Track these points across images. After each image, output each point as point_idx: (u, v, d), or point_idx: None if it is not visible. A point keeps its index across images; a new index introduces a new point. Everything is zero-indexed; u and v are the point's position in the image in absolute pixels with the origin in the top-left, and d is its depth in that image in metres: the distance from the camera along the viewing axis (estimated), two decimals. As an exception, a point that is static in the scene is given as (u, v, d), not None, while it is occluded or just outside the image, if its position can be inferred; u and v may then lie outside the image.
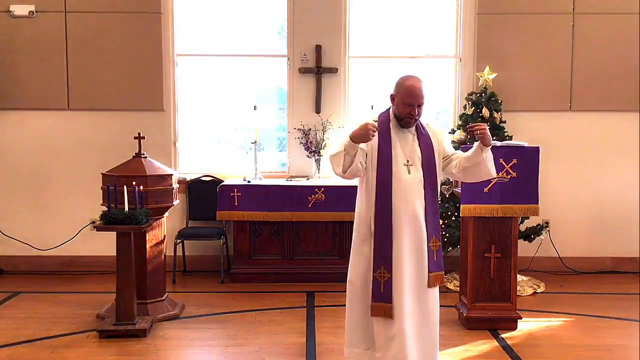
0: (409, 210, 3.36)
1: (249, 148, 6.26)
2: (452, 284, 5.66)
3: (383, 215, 3.36)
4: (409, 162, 3.38)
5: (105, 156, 5.70)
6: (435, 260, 3.43)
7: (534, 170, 4.44)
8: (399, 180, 3.35)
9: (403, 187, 3.35)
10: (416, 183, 3.38)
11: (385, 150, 3.36)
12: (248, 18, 6.40)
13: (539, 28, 6.15)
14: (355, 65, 6.40)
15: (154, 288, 4.81)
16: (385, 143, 3.37)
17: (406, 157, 3.38)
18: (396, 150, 3.38)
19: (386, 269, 3.37)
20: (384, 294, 3.38)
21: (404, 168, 3.37)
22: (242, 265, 5.87)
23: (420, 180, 3.38)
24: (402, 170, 3.36)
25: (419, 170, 3.38)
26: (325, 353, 4.08)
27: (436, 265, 3.44)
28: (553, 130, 6.19)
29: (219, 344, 4.28)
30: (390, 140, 3.38)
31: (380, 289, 3.38)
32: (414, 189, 3.37)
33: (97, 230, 4.39)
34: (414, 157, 3.39)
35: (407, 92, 3.33)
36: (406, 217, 3.35)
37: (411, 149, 3.41)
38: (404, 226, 3.36)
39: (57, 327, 4.54)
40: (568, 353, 4.12)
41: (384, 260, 3.37)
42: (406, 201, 3.35)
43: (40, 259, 6.20)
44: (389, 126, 3.42)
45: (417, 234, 3.38)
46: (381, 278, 3.39)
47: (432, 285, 3.43)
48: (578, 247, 6.27)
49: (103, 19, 6.09)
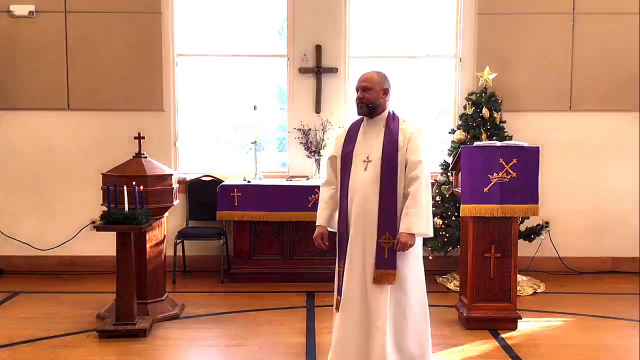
0: (361, 205, 3.40)
1: (249, 148, 6.26)
2: (452, 284, 5.67)
3: (341, 212, 3.49)
4: (368, 158, 3.42)
5: (105, 156, 5.69)
6: (385, 257, 3.36)
7: (534, 170, 4.44)
8: (355, 177, 3.43)
9: (358, 183, 3.41)
10: (372, 179, 3.38)
11: (347, 150, 3.50)
12: (248, 18, 6.40)
13: (539, 28, 6.15)
14: (355, 65, 6.39)
15: (154, 288, 4.81)
16: (349, 143, 3.51)
17: (367, 153, 3.43)
18: (358, 148, 3.47)
19: (342, 263, 3.48)
20: (339, 287, 3.49)
21: (361, 164, 3.43)
22: (242, 265, 5.87)
23: (376, 176, 3.38)
24: (359, 167, 3.43)
25: (376, 166, 3.38)
26: (325, 353, 4.06)
27: (385, 262, 3.36)
28: (553, 130, 6.19)
29: (219, 344, 4.28)
30: (355, 140, 3.50)
31: (340, 282, 3.49)
32: (368, 185, 3.39)
33: (97, 230, 4.38)
34: (373, 153, 3.41)
35: (358, 80, 3.51)
36: (358, 213, 3.41)
37: (373, 145, 3.44)
38: (357, 222, 3.42)
39: (57, 327, 4.54)
40: (568, 353, 4.12)
41: (341, 255, 3.50)
42: (360, 197, 3.41)
43: (40, 259, 6.20)
44: (359, 126, 3.55)
45: (369, 230, 3.39)
46: (341, 272, 3.49)
47: (377, 281, 3.36)
48: (578, 247, 6.27)
49: (103, 19, 6.09)
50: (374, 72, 3.50)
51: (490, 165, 4.41)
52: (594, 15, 6.14)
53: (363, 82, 3.46)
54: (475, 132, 5.79)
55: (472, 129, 5.83)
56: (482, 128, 5.79)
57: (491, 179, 4.41)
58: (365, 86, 3.44)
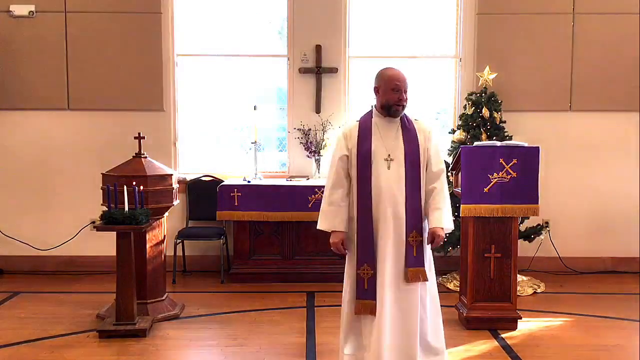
0: (389, 204, 3.38)
1: (249, 148, 6.26)
2: (452, 284, 5.67)
3: (364, 212, 3.40)
4: (390, 156, 3.41)
5: (105, 156, 5.69)
6: (414, 255, 3.40)
7: (534, 170, 4.44)
8: (378, 176, 3.39)
9: (383, 182, 3.38)
10: (396, 178, 3.39)
11: (364, 148, 3.42)
12: (248, 18, 6.40)
13: (539, 28, 6.15)
14: (355, 65, 6.40)
15: (154, 288, 4.81)
16: (365, 141, 3.43)
17: (387, 152, 3.41)
18: (377, 146, 3.42)
19: (369, 265, 3.40)
20: (367, 291, 3.40)
21: (384, 163, 3.40)
22: (242, 265, 5.87)
23: (401, 175, 3.39)
24: (382, 165, 3.40)
25: (401, 164, 3.40)
26: (325, 353, 4.08)
27: (415, 260, 3.41)
28: (553, 130, 6.19)
29: (219, 344, 4.28)
30: (370, 137, 3.43)
31: (364, 286, 3.41)
32: (394, 183, 3.39)
33: (97, 230, 4.38)
34: (396, 152, 3.41)
35: (392, 79, 3.43)
36: (386, 213, 3.38)
37: (394, 143, 3.44)
38: (384, 222, 3.38)
39: (57, 327, 4.54)
40: (568, 353, 4.12)
41: (366, 257, 3.40)
42: (386, 195, 3.38)
43: (40, 259, 6.20)
44: (371, 123, 3.48)
45: (397, 230, 3.39)
46: (364, 275, 3.42)
47: (410, 280, 3.40)
48: (578, 247, 6.27)
49: (103, 19, 6.09)
50: (401, 72, 3.49)
51: (490, 165, 4.41)
52: (594, 15, 6.14)
53: (403, 84, 3.43)
54: (475, 132, 5.79)
55: (472, 129, 5.83)
56: (482, 128, 5.79)
57: (491, 179, 4.41)
58: (405, 88, 3.44)
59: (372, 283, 3.40)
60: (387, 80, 3.43)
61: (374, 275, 3.40)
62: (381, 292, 3.38)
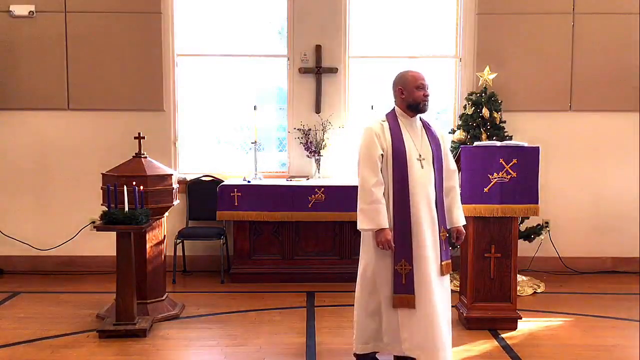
0: (424, 202, 3.51)
1: (249, 148, 6.26)
2: (452, 284, 5.65)
3: (401, 209, 3.50)
4: (421, 156, 3.54)
5: (105, 156, 5.70)
6: (444, 249, 3.59)
7: (534, 170, 4.44)
8: (413, 174, 3.50)
9: (418, 181, 3.49)
10: (429, 176, 3.54)
11: (399, 147, 3.52)
12: (248, 18, 6.40)
13: (539, 28, 6.15)
14: (355, 65, 6.40)
15: (154, 288, 4.81)
16: (399, 141, 3.54)
17: (418, 152, 3.55)
18: (409, 146, 3.54)
19: (407, 261, 3.52)
20: (406, 285, 3.52)
21: (417, 162, 3.53)
22: (242, 265, 5.87)
23: (432, 173, 3.55)
24: (415, 164, 3.52)
25: (430, 164, 3.55)
26: (325, 353, 4.08)
27: (445, 254, 3.61)
28: (553, 130, 6.19)
29: (219, 344, 4.27)
30: (402, 137, 3.55)
31: (402, 281, 3.52)
32: (427, 182, 3.53)
33: (97, 230, 4.38)
34: (425, 152, 3.56)
35: (416, 78, 3.58)
36: (423, 210, 3.51)
37: (422, 144, 3.58)
38: (422, 219, 3.51)
39: (57, 327, 4.54)
40: (568, 353, 4.12)
41: (405, 253, 3.52)
42: (422, 194, 3.51)
43: (40, 259, 6.20)
44: (399, 123, 3.59)
45: (432, 226, 3.54)
46: (402, 270, 3.52)
47: (444, 273, 3.59)
48: (578, 247, 6.27)
49: (103, 19, 6.09)
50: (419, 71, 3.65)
51: (490, 165, 4.41)
52: (594, 15, 6.14)
53: (425, 81, 3.57)
54: (475, 132, 5.79)
55: (472, 129, 5.83)
56: (482, 128, 5.79)
57: (491, 179, 4.41)
58: (427, 85, 3.58)
59: (410, 278, 3.51)
60: (410, 80, 3.57)
61: (412, 271, 3.51)
62: (423, 286, 3.49)
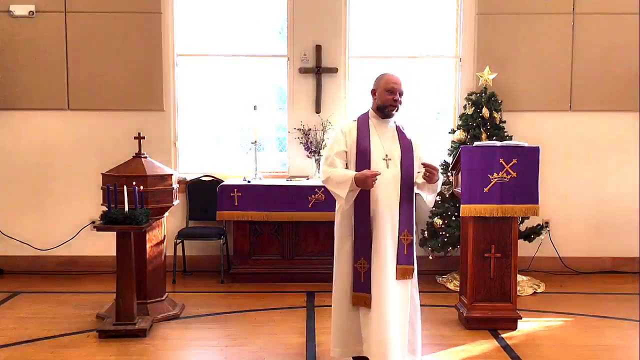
0: (386, 203, 3.50)
1: (249, 148, 6.26)
2: (452, 284, 5.67)
3: (363, 209, 3.50)
4: (387, 156, 3.53)
5: (105, 156, 5.70)
6: (405, 253, 3.52)
7: (534, 170, 4.44)
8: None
9: (381, 180, 3.45)
10: (393, 177, 3.51)
11: (364, 146, 3.53)
12: (248, 18, 6.40)
13: (539, 28, 6.15)
14: (355, 65, 6.40)
15: (154, 288, 4.81)
16: (364, 140, 3.54)
17: (385, 152, 3.54)
18: (376, 145, 3.53)
19: (366, 259, 3.52)
20: (363, 284, 3.52)
21: (382, 162, 3.52)
22: (242, 265, 5.87)
23: (397, 175, 3.52)
24: (380, 163, 3.51)
25: (397, 165, 3.53)
26: (325, 353, 4.07)
27: (405, 258, 3.52)
28: (553, 130, 6.19)
29: (219, 344, 4.28)
30: (369, 136, 3.56)
31: (360, 279, 3.53)
32: (391, 183, 3.51)
33: (97, 230, 4.38)
34: (393, 153, 3.54)
35: (388, 82, 3.57)
36: (383, 210, 3.49)
37: (391, 145, 3.57)
38: (382, 218, 3.49)
39: (57, 327, 4.54)
40: (568, 353, 4.13)
41: (364, 251, 3.52)
42: (384, 193, 3.49)
43: (40, 259, 6.21)
44: (369, 123, 3.61)
45: (392, 227, 3.50)
46: (361, 269, 3.53)
47: (400, 277, 3.51)
48: (578, 247, 6.27)
49: (103, 19, 6.09)
50: (399, 76, 3.61)
51: (490, 165, 4.41)
52: (594, 15, 6.14)
53: (398, 86, 3.56)
54: (475, 132, 5.79)
55: (472, 129, 5.83)
56: (482, 128, 5.79)
57: (491, 179, 4.41)
58: (401, 91, 3.56)
59: (368, 277, 3.51)
60: (383, 83, 3.58)
61: (369, 270, 3.51)
62: (378, 286, 3.47)
